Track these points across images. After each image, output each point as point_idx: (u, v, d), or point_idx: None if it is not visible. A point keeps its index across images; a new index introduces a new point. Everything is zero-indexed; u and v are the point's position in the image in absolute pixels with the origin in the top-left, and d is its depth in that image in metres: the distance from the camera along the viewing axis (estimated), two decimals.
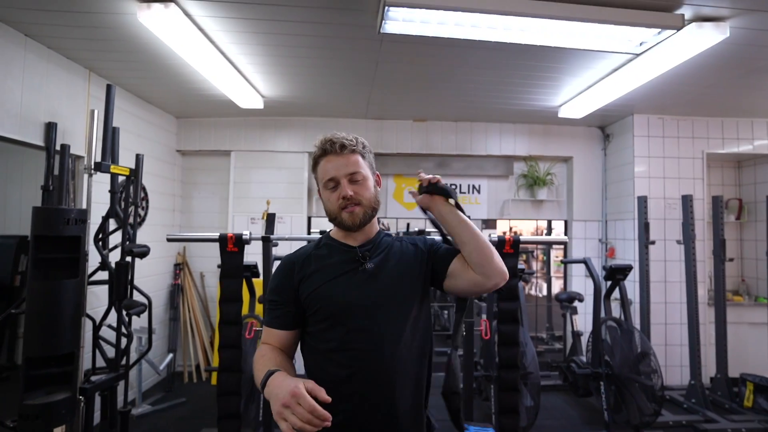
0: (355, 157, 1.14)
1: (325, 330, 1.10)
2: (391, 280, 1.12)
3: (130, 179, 2.82)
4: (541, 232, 7.03)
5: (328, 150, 1.13)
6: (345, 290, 1.10)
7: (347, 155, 1.12)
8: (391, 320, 1.08)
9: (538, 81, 3.28)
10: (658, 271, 3.95)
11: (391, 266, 1.14)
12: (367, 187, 1.14)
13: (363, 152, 1.16)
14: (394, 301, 1.10)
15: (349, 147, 1.13)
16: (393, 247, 1.18)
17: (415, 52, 2.77)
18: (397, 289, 1.12)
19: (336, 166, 1.12)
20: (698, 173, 4.07)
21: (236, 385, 2.18)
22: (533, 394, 2.81)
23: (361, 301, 1.09)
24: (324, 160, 1.14)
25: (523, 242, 2.33)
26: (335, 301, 1.09)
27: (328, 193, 1.14)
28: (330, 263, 1.14)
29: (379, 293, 1.10)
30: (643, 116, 4.06)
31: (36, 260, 2.24)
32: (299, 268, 1.14)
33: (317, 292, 1.10)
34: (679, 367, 3.90)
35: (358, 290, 1.10)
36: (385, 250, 1.16)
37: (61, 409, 2.26)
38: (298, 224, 4.38)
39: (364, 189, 1.13)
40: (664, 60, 2.61)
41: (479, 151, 4.50)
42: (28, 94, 2.56)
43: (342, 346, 1.07)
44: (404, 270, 1.14)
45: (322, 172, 1.14)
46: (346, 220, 1.11)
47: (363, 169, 1.14)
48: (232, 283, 2.18)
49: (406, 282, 1.13)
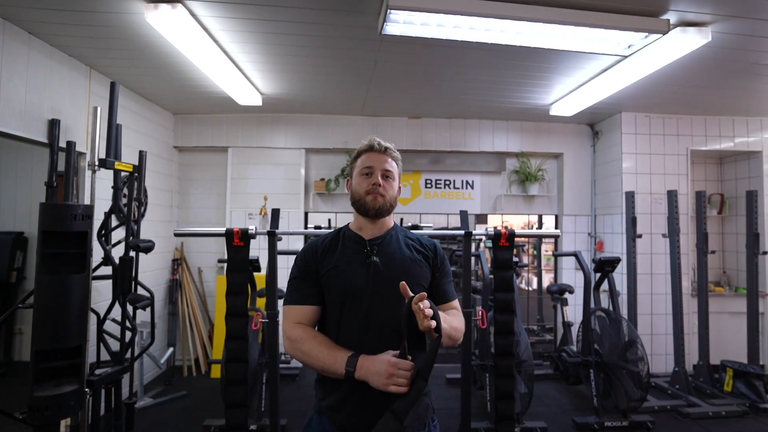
0: (392, 161, 1.33)
1: (338, 310, 1.23)
2: (395, 275, 1.21)
3: (133, 175, 2.85)
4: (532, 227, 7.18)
5: (375, 147, 1.32)
6: (355, 275, 1.23)
7: (387, 156, 1.32)
8: (391, 309, 1.18)
9: (531, 80, 3.38)
10: (645, 263, 4.11)
11: (396, 262, 1.27)
12: (393, 187, 1.32)
13: (398, 161, 1.36)
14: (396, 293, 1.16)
15: (390, 152, 1.33)
16: (401, 244, 1.32)
17: (413, 52, 2.86)
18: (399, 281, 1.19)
19: (376, 160, 1.31)
20: (683, 169, 4.23)
21: (243, 375, 2.25)
22: (527, 381, 2.94)
23: (367, 287, 1.21)
24: (367, 154, 1.32)
25: (518, 236, 2.44)
26: (346, 283, 1.22)
27: (361, 179, 1.30)
28: (344, 250, 1.28)
29: (383, 283, 1.22)
30: (631, 114, 4.21)
31: (44, 255, 2.28)
32: (321, 251, 1.29)
33: (331, 273, 1.25)
34: (664, 355, 4.08)
35: (365, 277, 1.22)
36: (393, 248, 1.30)
37: (69, 400, 2.31)
38: (295, 220, 4.45)
39: (390, 186, 1.31)
40: (651, 62, 2.73)
41: (472, 147, 4.60)
42: (32, 91, 2.59)
43: (349, 326, 1.21)
44: (409, 270, 1.26)
45: (362, 161, 1.32)
46: (368, 202, 1.27)
47: (394, 171, 1.33)
48: (238, 276, 2.26)
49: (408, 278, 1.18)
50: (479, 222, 7.88)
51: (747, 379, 3.52)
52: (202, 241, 4.43)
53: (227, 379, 2.23)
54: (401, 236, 1.34)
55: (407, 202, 4.72)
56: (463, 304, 2.51)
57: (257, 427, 2.90)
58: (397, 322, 1.12)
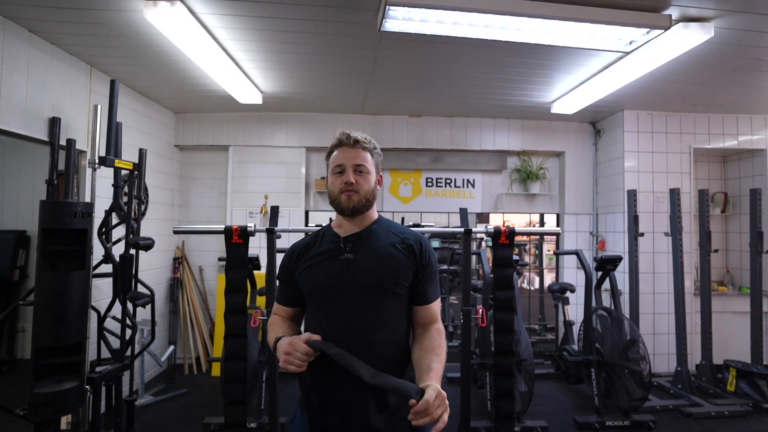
0: (364, 153, 1.27)
1: (311, 308, 1.27)
2: (367, 271, 1.21)
3: (133, 173, 2.86)
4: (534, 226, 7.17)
5: (344, 141, 1.27)
6: (323, 274, 1.23)
7: (358, 149, 1.26)
8: (361, 304, 1.19)
9: (532, 78, 3.37)
10: (647, 262, 4.08)
11: (371, 258, 1.23)
12: (368, 180, 1.26)
13: (372, 151, 1.30)
14: (368, 288, 1.20)
15: (361, 143, 1.27)
16: (380, 239, 1.26)
17: (412, 49, 2.85)
18: (372, 278, 1.20)
19: (346, 156, 1.25)
20: (685, 168, 4.20)
21: (242, 373, 2.25)
22: (527, 380, 2.92)
23: (335, 284, 1.21)
24: (338, 150, 1.28)
25: (518, 233, 2.43)
26: (314, 282, 1.24)
27: (334, 178, 1.26)
28: (319, 250, 1.27)
29: (353, 280, 1.20)
30: (633, 112, 4.18)
31: (44, 252, 2.29)
32: (298, 254, 1.30)
33: (303, 273, 1.26)
34: (666, 354, 4.05)
35: (334, 275, 1.22)
36: (370, 243, 1.25)
37: (69, 397, 2.31)
38: (296, 218, 4.44)
39: (364, 181, 1.25)
40: (653, 58, 2.71)
41: (473, 146, 4.59)
42: (33, 90, 2.59)
43: (321, 323, 1.21)
44: (386, 265, 1.22)
45: (334, 159, 1.28)
46: (343, 202, 1.24)
47: (368, 164, 1.27)
48: (237, 273, 2.25)
49: (383, 275, 1.21)
50: (481, 221, 7.86)
51: (750, 379, 3.49)
52: (203, 239, 4.44)
53: (226, 376, 2.23)
54: (383, 230, 1.28)
55: (408, 200, 4.71)
56: (463, 302, 2.50)
57: (257, 424, 2.90)
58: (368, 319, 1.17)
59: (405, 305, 1.25)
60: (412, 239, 1.27)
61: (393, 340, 1.21)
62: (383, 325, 1.19)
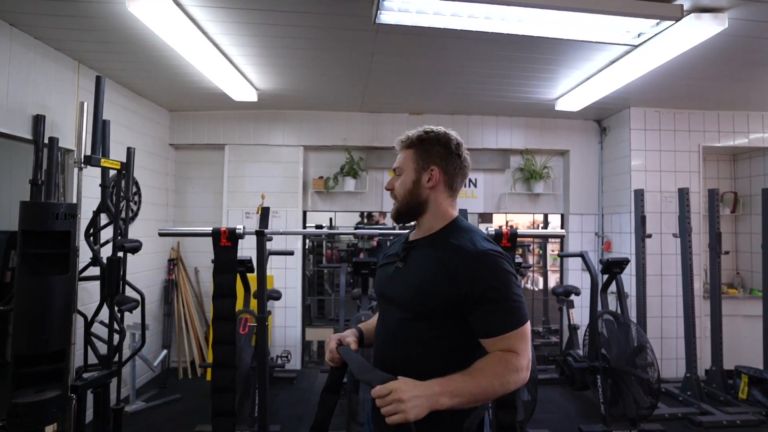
0: (405, 153, 1.17)
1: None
2: (407, 285, 1.10)
3: (121, 173, 2.76)
4: (538, 226, 7.03)
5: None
6: (381, 278, 1.21)
7: (399, 152, 1.19)
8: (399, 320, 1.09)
9: (535, 73, 3.24)
10: (654, 264, 3.95)
11: (413, 272, 1.10)
12: (402, 182, 1.15)
13: (416, 144, 1.16)
14: (403, 304, 1.09)
15: (401, 143, 1.18)
16: (432, 251, 1.09)
17: (410, 44, 2.73)
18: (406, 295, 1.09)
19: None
20: (694, 166, 4.06)
21: (231, 382, 2.15)
22: (530, 388, 2.80)
23: (384, 293, 1.16)
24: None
25: (521, 235, 2.31)
26: (375, 284, 1.24)
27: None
28: (390, 252, 1.24)
29: (396, 292, 1.12)
30: (640, 109, 4.05)
31: (24, 255, 2.19)
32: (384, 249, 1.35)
33: (377, 272, 1.26)
34: (675, 359, 3.92)
35: (386, 282, 1.16)
36: (420, 253, 1.12)
37: (51, 407, 2.22)
38: (293, 219, 4.34)
39: (399, 184, 1.16)
40: (662, 52, 2.58)
41: (475, 144, 4.47)
42: (15, 86, 2.50)
43: (376, 329, 1.20)
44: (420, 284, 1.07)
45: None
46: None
47: (404, 164, 1.16)
48: (225, 278, 2.15)
49: (414, 295, 1.07)
50: (484, 221, 7.74)
51: (763, 386, 3.35)
52: (199, 240, 4.31)
53: (213, 385, 2.12)
54: (443, 240, 1.09)
55: None
56: None
57: None
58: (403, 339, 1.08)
59: (451, 331, 1.04)
60: (458, 259, 1.03)
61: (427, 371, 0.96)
62: (416, 349, 1.06)
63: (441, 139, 1.15)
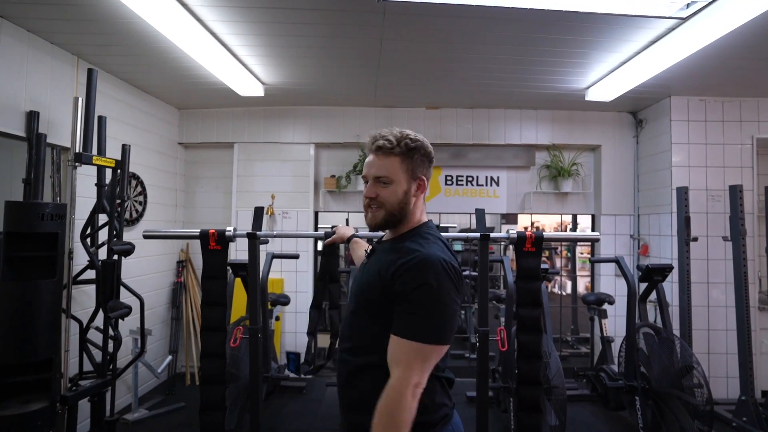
0: (390, 160, 1.11)
1: None
2: (362, 280, 1.16)
3: (116, 171, 2.62)
4: (566, 228, 6.61)
5: (371, 148, 1.14)
6: (355, 276, 1.25)
7: (381, 157, 1.12)
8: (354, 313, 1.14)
9: (564, 58, 2.92)
10: (700, 270, 3.54)
11: (371, 269, 1.13)
12: (393, 192, 1.11)
13: (405, 153, 1.11)
14: (355, 297, 1.16)
15: (385, 148, 1.11)
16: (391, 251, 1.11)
17: (421, 26, 2.47)
18: (357, 289, 1.16)
19: (369, 165, 1.15)
20: (747, 161, 3.62)
21: (220, 399, 1.95)
22: (558, 411, 2.49)
23: (352, 287, 1.23)
24: (369, 156, 1.16)
25: (547, 239, 2.02)
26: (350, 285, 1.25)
27: (364, 188, 1.17)
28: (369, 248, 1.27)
29: (355, 285, 1.19)
30: (682, 98, 3.64)
31: (7, 259, 2.07)
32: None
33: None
34: (725, 378, 3.49)
35: (357, 276, 1.22)
36: (383, 252, 1.14)
37: (37, 419, 2.08)
38: (304, 220, 4.15)
39: (388, 193, 1.11)
40: (714, 26, 2.23)
41: (498, 140, 4.16)
42: (6, 81, 2.38)
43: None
44: (365, 285, 1.13)
45: (364, 167, 1.18)
46: (367, 218, 1.16)
47: (392, 173, 1.11)
48: (214, 284, 1.96)
49: (362, 288, 1.14)
50: (508, 222, 7.36)
51: None
52: None
53: (201, 403, 1.93)
54: (403, 243, 1.11)
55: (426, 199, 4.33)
56: (479, 320, 2.11)
57: None
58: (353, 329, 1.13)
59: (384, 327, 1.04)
60: (402, 260, 1.04)
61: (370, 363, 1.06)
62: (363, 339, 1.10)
63: (426, 148, 1.16)
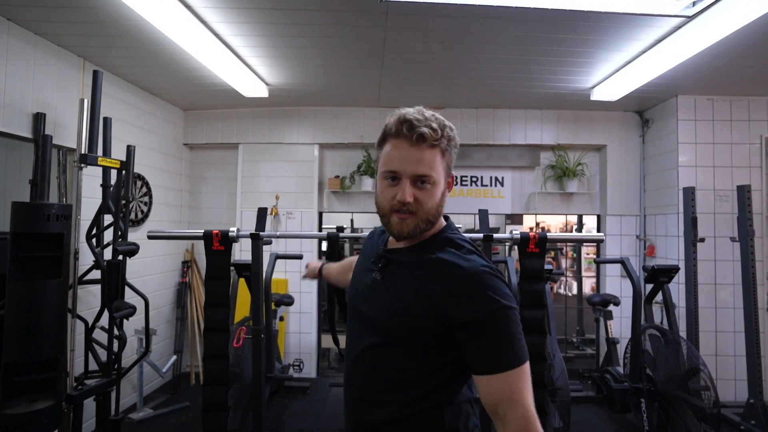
0: (433, 154, 0.89)
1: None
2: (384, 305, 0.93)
3: (121, 172, 2.64)
4: (571, 228, 6.58)
5: (403, 133, 0.88)
6: (356, 285, 1.04)
7: (424, 149, 0.88)
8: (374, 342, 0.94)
9: (569, 58, 2.90)
10: (707, 271, 3.50)
11: (393, 290, 0.93)
12: (432, 195, 0.90)
13: (445, 148, 0.91)
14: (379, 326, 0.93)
15: (430, 140, 0.87)
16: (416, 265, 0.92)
17: (424, 27, 2.47)
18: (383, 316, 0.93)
19: (404, 159, 0.88)
20: (755, 161, 3.58)
21: (223, 400, 1.96)
22: (563, 412, 2.48)
23: (357, 306, 0.99)
24: (393, 143, 0.90)
25: (551, 240, 2.01)
26: (350, 294, 1.05)
27: (385, 186, 0.92)
28: (368, 254, 1.04)
29: (371, 309, 0.95)
30: (689, 97, 3.61)
31: (14, 259, 2.09)
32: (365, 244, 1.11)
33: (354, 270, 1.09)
34: (733, 380, 3.45)
35: (363, 293, 0.99)
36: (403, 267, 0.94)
37: (42, 418, 2.10)
38: (308, 220, 4.16)
39: (428, 197, 0.90)
40: (721, 24, 2.20)
41: (502, 140, 4.14)
42: (13, 83, 2.41)
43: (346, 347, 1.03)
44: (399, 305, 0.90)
45: (386, 156, 0.91)
46: (394, 226, 0.92)
47: (436, 172, 0.90)
48: (218, 285, 1.96)
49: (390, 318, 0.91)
50: (513, 223, 7.33)
51: None
52: None
53: (204, 404, 1.94)
54: (428, 254, 0.92)
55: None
56: None
57: None
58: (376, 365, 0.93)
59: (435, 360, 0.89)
60: (449, 278, 0.86)
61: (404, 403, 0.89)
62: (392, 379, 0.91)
63: (455, 139, 0.95)
